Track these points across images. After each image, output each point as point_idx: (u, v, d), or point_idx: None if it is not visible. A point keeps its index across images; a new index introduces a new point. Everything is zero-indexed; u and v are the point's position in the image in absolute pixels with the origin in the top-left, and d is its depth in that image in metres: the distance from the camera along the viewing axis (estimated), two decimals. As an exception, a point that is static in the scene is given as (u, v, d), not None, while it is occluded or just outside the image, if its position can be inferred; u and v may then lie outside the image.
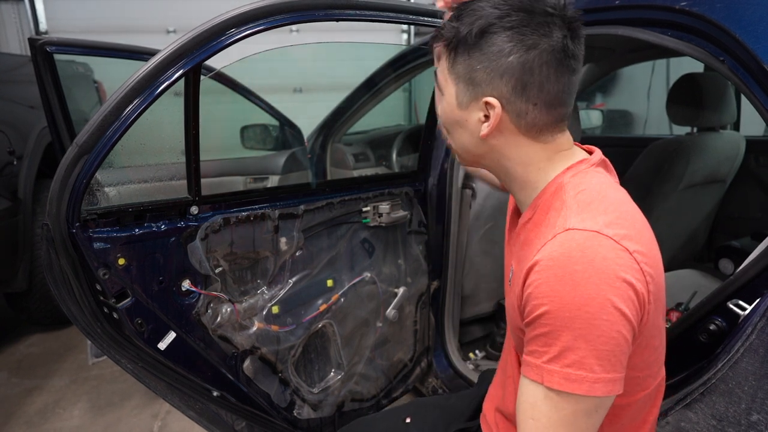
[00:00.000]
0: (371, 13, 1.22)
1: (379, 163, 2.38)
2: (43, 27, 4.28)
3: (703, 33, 0.95)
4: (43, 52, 1.55)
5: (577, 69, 0.73)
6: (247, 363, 1.34)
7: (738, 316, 0.86)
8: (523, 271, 0.68)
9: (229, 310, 1.27)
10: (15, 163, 2.37)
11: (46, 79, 1.59)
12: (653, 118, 4.27)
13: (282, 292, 1.38)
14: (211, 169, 2.15)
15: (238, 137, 2.44)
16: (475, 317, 2.05)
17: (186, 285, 1.20)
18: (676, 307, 1.56)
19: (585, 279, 0.62)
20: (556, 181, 0.74)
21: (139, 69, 1.00)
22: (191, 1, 4.41)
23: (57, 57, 1.59)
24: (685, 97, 1.80)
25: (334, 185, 1.51)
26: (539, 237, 0.70)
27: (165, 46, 1.01)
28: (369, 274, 1.58)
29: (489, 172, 0.92)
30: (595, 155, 0.78)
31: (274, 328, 1.37)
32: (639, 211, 0.73)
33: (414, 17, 1.31)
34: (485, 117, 0.74)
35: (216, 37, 1.04)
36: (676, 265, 1.97)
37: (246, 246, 1.29)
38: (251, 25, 1.07)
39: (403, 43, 5.15)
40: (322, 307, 1.47)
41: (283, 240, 1.35)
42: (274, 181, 2.33)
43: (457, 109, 0.77)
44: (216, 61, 1.15)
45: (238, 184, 2.26)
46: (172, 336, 1.19)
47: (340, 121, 2.37)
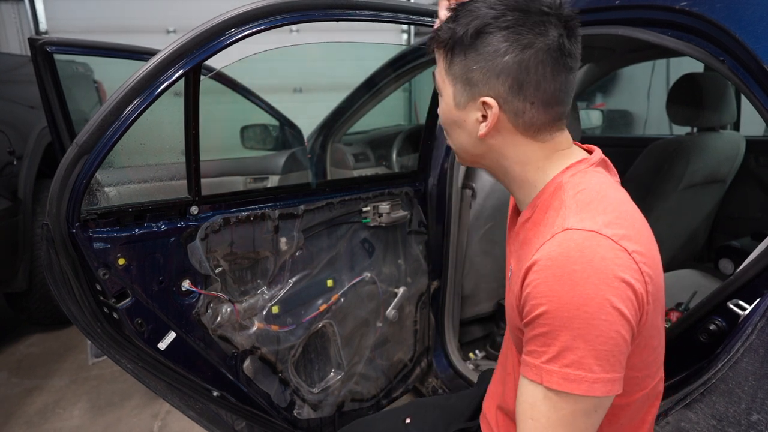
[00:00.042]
0: (371, 13, 1.22)
1: (379, 163, 2.38)
2: (43, 27, 4.28)
3: (703, 33, 0.95)
4: (43, 52, 1.55)
5: (574, 67, 0.73)
6: (247, 363, 1.34)
7: (738, 316, 0.86)
8: (521, 270, 0.68)
9: (229, 310, 1.27)
10: (15, 163, 2.37)
11: (46, 79, 1.59)
12: (653, 118, 4.27)
13: (282, 292, 1.38)
14: (211, 169, 2.15)
15: (238, 137, 2.44)
16: (475, 317, 2.05)
17: (186, 285, 1.20)
18: (676, 307, 1.56)
19: (584, 279, 0.61)
20: (555, 180, 0.74)
21: (139, 69, 1.00)
22: (191, 1, 4.41)
23: (57, 57, 1.59)
24: (685, 97, 1.80)
25: (334, 185, 1.51)
26: (538, 236, 0.70)
27: (165, 46, 1.01)
28: (369, 274, 1.58)
29: None
30: (595, 155, 0.78)
31: (274, 328, 1.37)
32: (638, 211, 0.73)
33: (414, 17, 1.31)
34: (483, 117, 0.74)
35: (216, 37, 1.04)
36: (676, 265, 1.97)
37: (246, 246, 1.29)
38: (251, 25, 1.07)
39: (403, 43, 5.15)
40: (322, 307, 1.47)
41: (283, 240, 1.35)
42: (274, 181, 2.33)
43: (454, 110, 0.77)
44: (216, 61, 1.15)
45: (238, 184, 2.26)
46: (172, 336, 1.19)
47: (340, 121, 2.37)
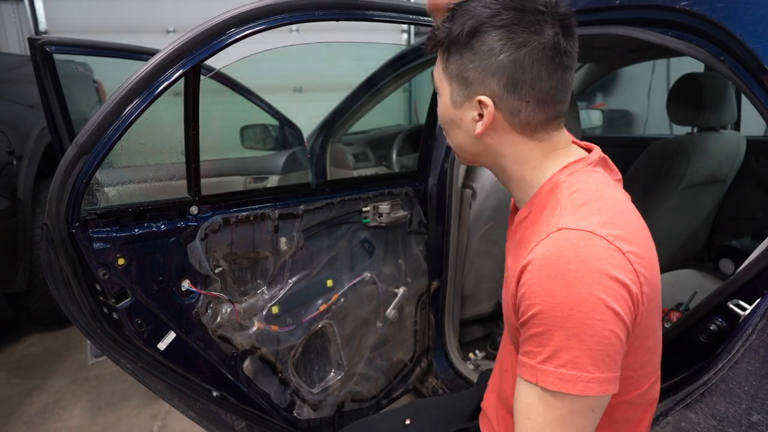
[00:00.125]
0: (371, 13, 1.22)
1: (379, 163, 2.38)
2: (42, 27, 4.28)
3: (704, 33, 0.95)
4: (43, 52, 1.55)
5: (571, 66, 0.73)
6: (246, 363, 1.34)
7: (738, 316, 0.86)
8: (517, 269, 0.68)
9: (228, 310, 1.27)
10: (15, 163, 2.37)
11: (46, 79, 1.59)
12: (653, 118, 4.27)
13: (282, 292, 1.38)
14: (211, 169, 2.15)
15: (237, 137, 2.44)
16: (475, 317, 2.05)
17: (186, 285, 1.20)
18: (676, 307, 1.56)
19: (577, 278, 0.61)
20: (552, 179, 0.74)
21: (139, 69, 1.00)
22: (191, 1, 4.41)
23: (57, 57, 1.59)
24: (685, 97, 1.80)
25: (334, 185, 1.51)
26: (534, 236, 0.70)
27: (165, 46, 1.01)
28: (369, 274, 1.58)
29: None
30: (594, 153, 0.78)
31: (274, 328, 1.37)
32: (636, 211, 0.73)
33: (414, 17, 1.31)
34: (479, 116, 0.74)
35: (216, 37, 1.04)
36: (676, 265, 1.97)
37: (246, 246, 1.29)
38: (251, 25, 1.07)
39: (403, 43, 5.15)
40: (322, 307, 1.47)
41: (283, 240, 1.35)
42: (274, 181, 2.33)
43: (452, 109, 0.77)
44: (216, 61, 1.15)
45: (238, 184, 2.26)
46: (171, 336, 1.19)
47: (340, 121, 2.37)
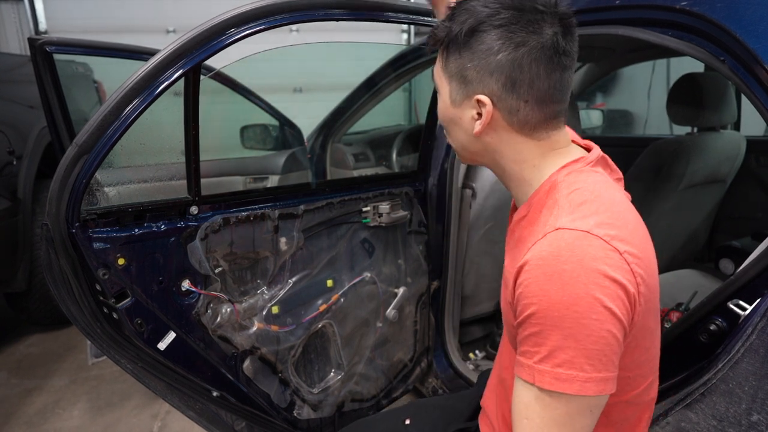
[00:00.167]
0: (371, 13, 1.22)
1: (379, 163, 2.38)
2: (42, 27, 4.28)
3: (704, 33, 0.95)
4: (43, 52, 1.55)
5: (570, 66, 0.73)
6: (246, 363, 1.34)
7: (738, 316, 0.86)
8: (514, 269, 0.68)
9: (228, 310, 1.27)
10: (15, 163, 2.37)
11: (46, 79, 1.59)
12: (653, 118, 4.27)
13: (282, 292, 1.38)
14: (211, 169, 2.15)
15: (237, 137, 2.44)
16: (476, 317, 2.05)
17: (186, 285, 1.20)
18: (676, 307, 1.56)
19: (573, 278, 0.61)
20: (551, 179, 0.74)
21: (139, 69, 1.00)
22: (191, 1, 4.41)
23: (57, 57, 1.58)
24: (685, 97, 1.80)
25: (334, 185, 1.51)
26: (531, 235, 0.70)
27: (165, 46, 1.01)
28: (369, 274, 1.58)
29: None
30: (593, 153, 0.78)
31: (274, 328, 1.37)
32: (634, 211, 0.73)
33: (414, 17, 1.31)
34: (478, 115, 0.74)
35: (216, 37, 1.04)
36: (676, 265, 1.97)
37: (246, 246, 1.29)
38: (251, 25, 1.07)
39: (403, 43, 5.15)
40: (322, 307, 1.47)
41: (283, 240, 1.35)
42: (274, 181, 2.33)
43: (451, 107, 0.78)
44: (216, 61, 1.15)
45: (238, 184, 2.26)
46: (171, 336, 1.19)
47: (340, 121, 2.37)
